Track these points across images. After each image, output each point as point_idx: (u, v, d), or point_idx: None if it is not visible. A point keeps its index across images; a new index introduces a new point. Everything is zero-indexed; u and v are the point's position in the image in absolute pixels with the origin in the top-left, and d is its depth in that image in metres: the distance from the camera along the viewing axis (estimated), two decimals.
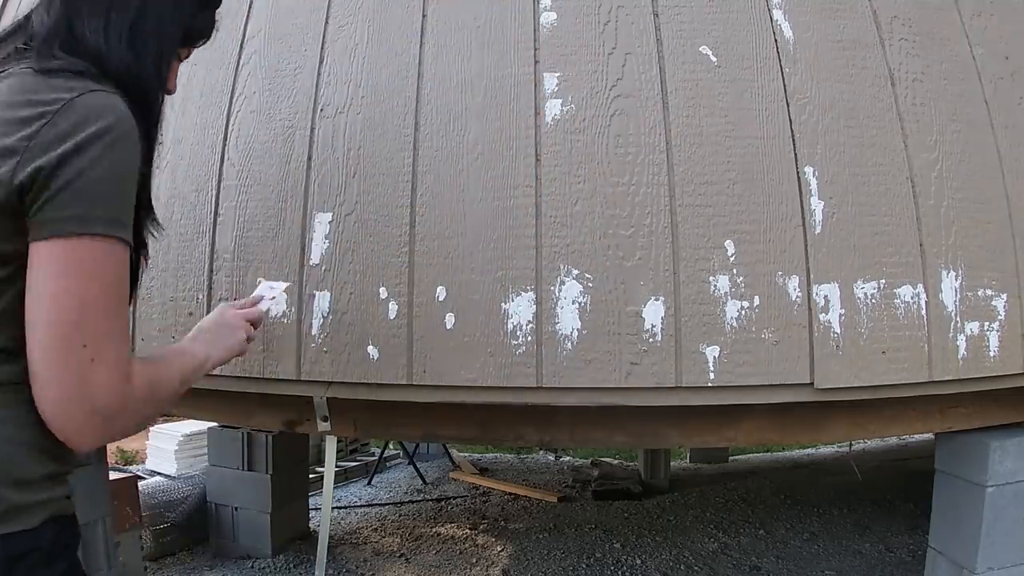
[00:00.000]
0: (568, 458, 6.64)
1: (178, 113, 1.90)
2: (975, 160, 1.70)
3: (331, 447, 2.23)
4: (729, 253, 1.47)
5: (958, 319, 1.59)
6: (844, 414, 1.79)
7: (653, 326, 1.44)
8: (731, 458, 6.06)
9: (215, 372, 1.72)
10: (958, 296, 1.60)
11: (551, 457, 6.84)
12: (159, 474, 4.18)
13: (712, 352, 1.44)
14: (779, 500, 4.57)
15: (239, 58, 1.83)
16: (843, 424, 1.83)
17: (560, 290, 1.48)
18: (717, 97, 1.55)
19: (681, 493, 4.90)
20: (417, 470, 5.80)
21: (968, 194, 1.67)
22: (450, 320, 1.54)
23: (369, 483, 5.63)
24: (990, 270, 1.66)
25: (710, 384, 1.44)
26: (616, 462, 5.97)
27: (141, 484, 3.75)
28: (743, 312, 1.45)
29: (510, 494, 5.14)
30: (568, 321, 1.47)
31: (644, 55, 1.57)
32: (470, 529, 4.27)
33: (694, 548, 3.72)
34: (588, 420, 1.77)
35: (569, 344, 1.46)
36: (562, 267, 1.49)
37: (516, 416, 1.78)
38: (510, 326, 1.49)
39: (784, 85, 1.58)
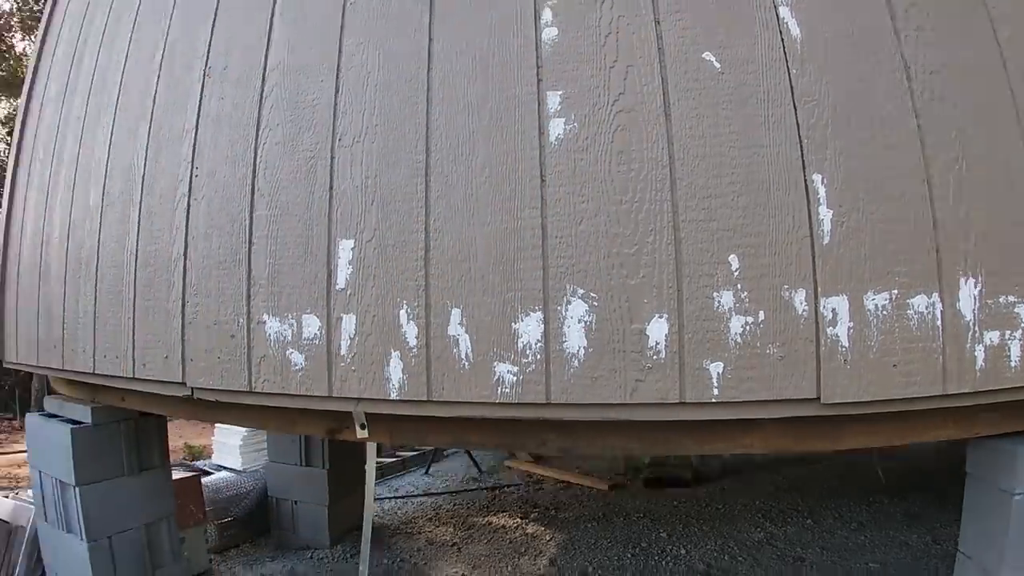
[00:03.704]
0: None
1: (211, 146, 2.02)
2: (999, 157, 1.57)
3: (371, 452, 2.34)
4: (733, 268, 1.46)
5: (976, 328, 1.51)
6: (860, 422, 1.73)
7: (657, 343, 1.46)
8: None
9: (259, 390, 1.87)
10: (977, 304, 1.51)
11: None
12: (225, 468, 4.46)
13: (716, 368, 1.44)
14: (831, 488, 4.46)
15: (262, 91, 1.93)
16: (860, 432, 1.77)
17: (566, 309, 1.51)
18: (721, 105, 1.52)
19: (732, 481, 4.86)
20: (473, 459, 5.95)
21: (991, 194, 1.55)
22: (465, 340, 1.60)
23: (427, 472, 5.83)
24: (1015, 275, 1.54)
25: (714, 400, 1.44)
26: None
27: (208, 479, 4.02)
28: (747, 327, 1.44)
29: (562, 482, 5.22)
30: (574, 340, 1.50)
31: (646, 66, 1.56)
32: (521, 518, 4.37)
33: (740, 538, 3.70)
34: (605, 429, 1.79)
35: (576, 362, 1.50)
36: (568, 286, 1.52)
37: (538, 425, 1.82)
38: (520, 345, 1.54)
39: (791, 87, 1.53)
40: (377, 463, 5.71)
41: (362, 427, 1.98)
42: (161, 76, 2.30)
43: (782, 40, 1.56)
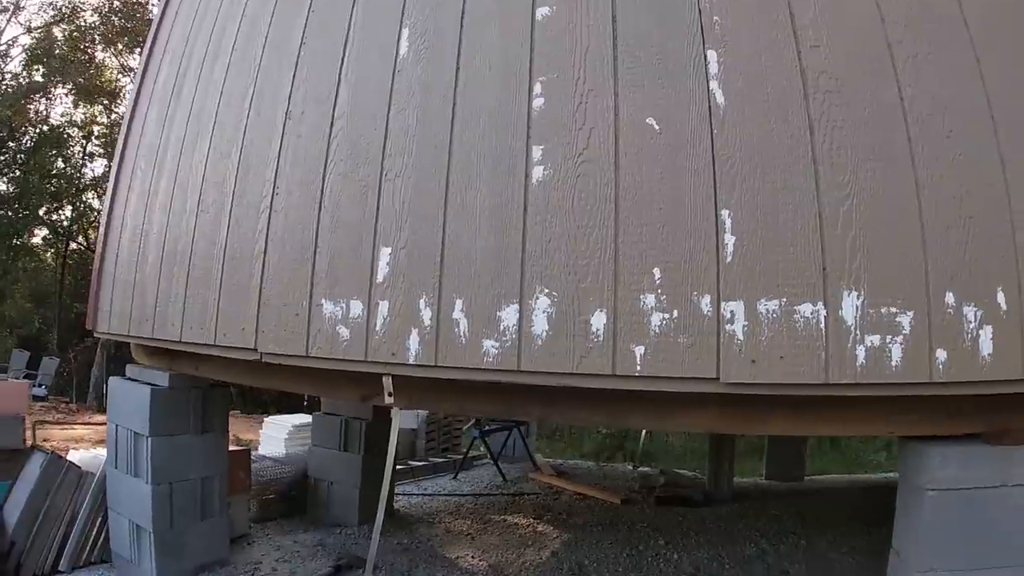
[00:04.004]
0: (646, 468, 7.20)
1: (288, 172, 2.85)
2: (890, 193, 2.13)
3: (395, 420, 3.08)
4: (656, 278, 2.14)
5: (857, 332, 2.09)
6: (786, 411, 2.35)
7: (597, 330, 2.15)
8: (807, 477, 6.35)
9: (313, 355, 2.64)
10: (859, 312, 2.09)
11: (629, 467, 7.42)
12: (268, 458, 5.30)
13: (639, 350, 2.11)
14: (835, 518, 4.92)
15: (330, 134, 2.76)
16: (786, 420, 2.39)
17: (535, 303, 2.23)
18: (657, 158, 2.22)
19: (742, 505, 5.37)
20: (499, 469, 6.66)
21: (879, 224, 2.11)
22: (463, 323, 2.34)
23: (455, 477, 6.57)
24: (896, 290, 2.09)
25: (637, 374, 2.11)
26: (690, 474, 6.46)
27: (256, 465, 4.84)
28: (664, 322, 2.11)
29: (579, 494, 5.84)
30: (539, 325, 2.22)
31: (604, 128, 2.28)
32: (534, 519, 5.04)
33: (733, 551, 4.24)
34: (575, 402, 2.48)
35: (539, 341, 2.21)
36: (537, 286, 2.24)
37: (524, 396, 2.53)
38: (501, 327, 2.27)
39: (712, 144, 2.19)
40: (408, 465, 6.49)
41: (389, 395, 2.73)
42: (250, 114, 3.17)
43: (709, 107, 2.23)
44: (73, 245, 18.73)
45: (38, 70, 15.68)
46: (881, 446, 8.64)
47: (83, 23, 16.04)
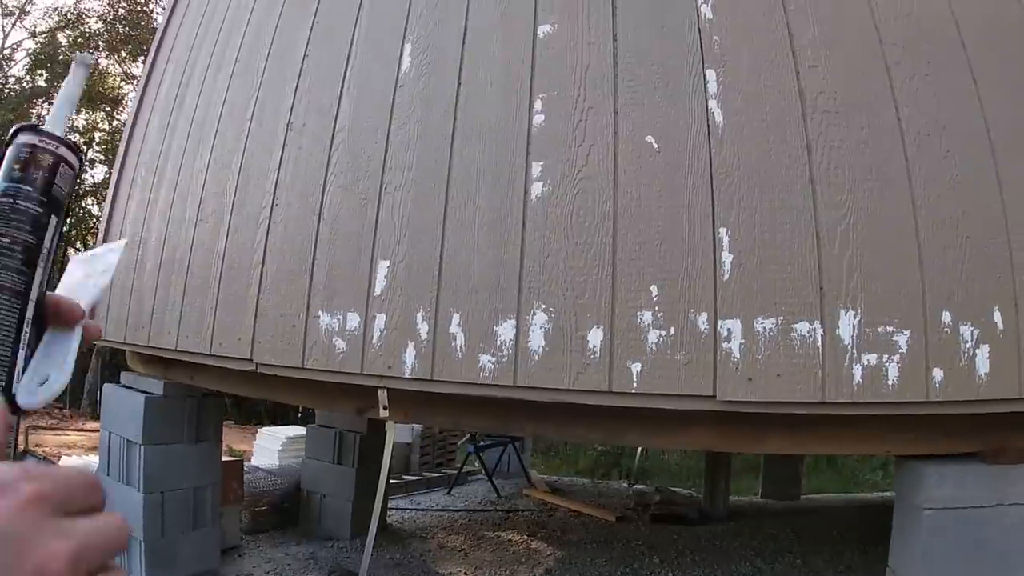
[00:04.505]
0: (641, 486, 7.17)
1: (289, 184, 2.86)
2: (887, 213, 2.15)
3: (390, 433, 3.07)
4: (653, 295, 2.14)
5: (854, 351, 2.11)
6: (782, 429, 2.36)
7: (594, 347, 2.15)
8: (803, 496, 6.33)
9: (309, 366, 2.64)
10: (856, 332, 2.11)
11: (624, 484, 7.39)
12: (261, 469, 5.28)
13: (636, 367, 2.12)
14: (831, 536, 4.90)
15: (331, 146, 2.77)
16: (782, 438, 2.39)
17: (532, 318, 2.23)
18: (655, 176, 2.24)
19: (738, 524, 5.34)
20: (493, 485, 6.63)
21: (875, 245, 2.13)
22: (460, 337, 2.34)
23: (448, 492, 6.53)
24: (893, 309, 2.12)
25: (633, 391, 2.11)
26: (686, 492, 6.44)
27: (249, 476, 4.82)
28: (661, 339, 2.11)
29: (573, 511, 5.81)
30: (536, 340, 2.21)
31: (603, 146, 2.30)
32: (528, 536, 5.00)
33: (728, 569, 4.22)
34: (572, 418, 2.48)
35: (536, 357, 2.21)
36: (535, 302, 2.24)
37: (520, 412, 2.53)
38: (498, 342, 2.26)
39: (711, 162, 2.21)
40: (402, 480, 6.46)
41: (384, 408, 2.72)
42: (252, 124, 3.18)
43: (708, 126, 2.26)
44: (71, 251, 18.76)
45: (41, 75, 15.82)
46: (878, 465, 8.63)
47: (87, 29, 16.19)
